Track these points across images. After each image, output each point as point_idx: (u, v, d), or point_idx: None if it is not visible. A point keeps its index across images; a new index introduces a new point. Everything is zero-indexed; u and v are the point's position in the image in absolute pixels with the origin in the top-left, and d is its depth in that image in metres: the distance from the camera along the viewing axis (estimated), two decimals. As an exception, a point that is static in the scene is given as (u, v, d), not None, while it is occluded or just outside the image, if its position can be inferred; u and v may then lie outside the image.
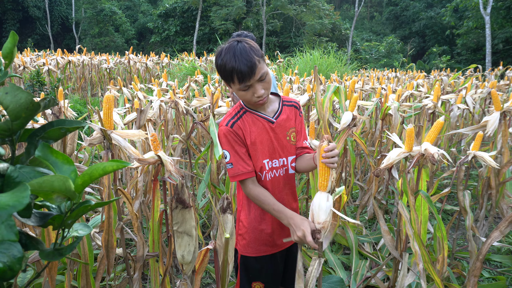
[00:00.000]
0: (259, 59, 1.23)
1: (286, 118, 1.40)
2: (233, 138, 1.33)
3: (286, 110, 1.41)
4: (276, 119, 1.37)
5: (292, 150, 1.42)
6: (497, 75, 8.94)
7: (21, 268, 0.52)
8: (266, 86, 1.27)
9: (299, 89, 4.90)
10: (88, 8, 27.63)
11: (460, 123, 4.61)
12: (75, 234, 0.72)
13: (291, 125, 1.41)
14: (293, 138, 1.41)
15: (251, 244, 1.45)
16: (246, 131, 1.34)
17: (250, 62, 1.19)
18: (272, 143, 1.37)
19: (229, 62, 1.20)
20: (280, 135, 1.38)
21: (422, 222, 1.87)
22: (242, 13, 24.07)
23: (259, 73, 1.22)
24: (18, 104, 0.57)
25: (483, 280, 2.46)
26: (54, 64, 8.51)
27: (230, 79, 1.24)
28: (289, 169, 1.43)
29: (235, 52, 1.20)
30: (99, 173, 0.62)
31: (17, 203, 0.46)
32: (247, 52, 1.20)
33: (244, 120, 1.35)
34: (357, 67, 12.83)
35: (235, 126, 1.33)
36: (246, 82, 1.21)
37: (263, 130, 1.35)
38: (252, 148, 1.35)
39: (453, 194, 3.93)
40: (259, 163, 1.36)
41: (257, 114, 1.37)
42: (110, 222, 1.59)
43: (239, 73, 1.19)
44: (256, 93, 1.25)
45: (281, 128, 1.38)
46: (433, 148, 1.61)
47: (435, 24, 28.15)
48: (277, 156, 1.38)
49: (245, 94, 1.26)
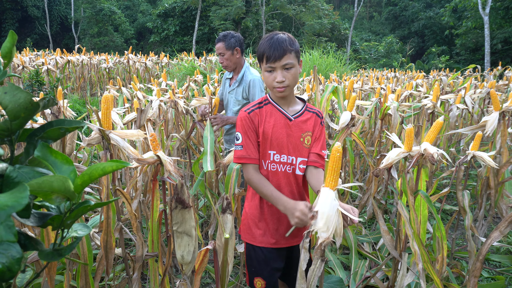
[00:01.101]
0: (292, 50, 1.33)
1: (304, 120, 1.45)
2: (247, 123, 1.41)
3: (307, 115, 1.47)
4: (295, 118, 1.43)
5: (304, 153, 1.45)
6: (496, 75, 8.96)
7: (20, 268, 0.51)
8: (288, 77, 1.34)
9: (299, 89, 4.90)
10: (87, 7, 27.58)
11: (459, 123, 4.61)
12: (74, 234, 0.72)
13: (308, 128, 1.45)
14: (307, 141, 1.44)
15: (251, 232, 1.49)
16: (262, 119, 1.42)
17: (280, 46, 1.31)
18: (284, 139, 1.41)
19: (265, 43, 1.35)
20: (294, 134, 1.42)
21: (421, 222, 1.87)
22: (242, 13, 24.06)
23: (286, 60, 1.32)
24: (17, 104, 0.57)
25: (482, 280, 2.46)
26: (53, 63, 8.49)
27: (261, 58, 1.36)
28: (297, 170, 1.45)
29: (274, 36, 1.35)
30: (99, 173, 0.62)
31: (16, 204, 0.46)
32: (283, 39, 1.33)
33: (264, 109, 1.44)
34: (356, 67, 12.83)
35: (252, 113, 1.42)
36: (271, 63, 1.32)
37: (278, 124, 1.41)
38: (262, 137, 1.42)
39: (452, 194, 3.93)
40: (265, 151, 1.43)
41: (278, 107, 1.44)
42: (109, 222, 1.59)
43: (268, 51, 1.32)
44: (276, 78, 1.33)
45: (297, 128, 1.43)
46: (432, 148, 1.61)
47: (434, 24, 28.17)
48: (285, 152, 1.42)
49: (268, 76, 1.36)
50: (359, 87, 5.03)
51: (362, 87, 5.10)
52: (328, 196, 1.06)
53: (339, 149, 1.07)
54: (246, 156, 1.41)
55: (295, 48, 1.35)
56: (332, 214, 1.03)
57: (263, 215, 1.48)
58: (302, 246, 1.12)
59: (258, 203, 1.49)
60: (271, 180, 1.43)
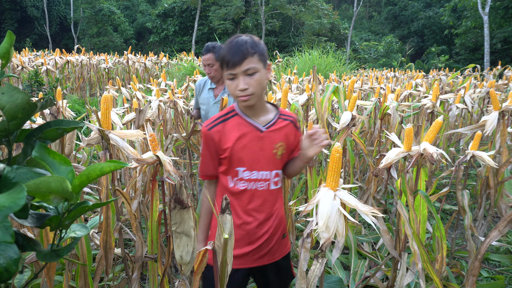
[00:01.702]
0: (254, 53, 1.20)
1: (278, 129, 1.32)
2: (207, 141, 1.31)
3: (281, 123, 1.34)
4: (267, 129, 1.30)
5: (277, 165, 1.34)
6: (495, 75, 8.96)
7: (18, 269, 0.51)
8: (252, 83, 1.20)
9: (298, 89, 4.90)
10: (86, 8, 27.57)
11: (458, 122, 4.61)
12: (73, 235, 0.72)
13: (281, 138, 1.32)
14: (279, 152, 1.32)
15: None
16: (225, 136, 1.29)
17: (240, 50, 1.18)
18: (256, 153, 1.29)
19: (226, 46, 1.22)
20: (267, 146, 1.30)
21: (421, 221, 1.87)
22: (241, 12, 24.06)
23: (247, 65, 1.18)
24: (15, 105, 0.56)
25: (481, 280, 2.47)
26: (53, 64, 8.49)
27: (221, 64, 1.23)
28: (271, 185, 1.34)
29: (235, 39, 1.23)
30: (97, 173, 0.62)
31: (13, 204, 0.45)
32: (243, 41, 1.20)
33: (229, 123, 1.30)
34: (356, 67, 12.83)
35: (212, 131, 1.29)
36: (231, 69, 1.19)
37: (248, 138, 1.28)
38: (230, 154, 1.28)
39: (452, 193, 3.93)
40: (231, 168, 1.31)
41: (246, 119, 1.30)
42: (109, 223, 1.58)
43: (227, 56, 1.19)
44: (238, 86, 1.20)
45: (270, 139, 1.30)
46: (431, 147, 1.61)
47: (434, 23, 28.18)
48: (257, 168, 1.30)
49: (230, 84, 1.23)
50: (359, 87, 5.03)
51: (361, 87, 5.10)
52: (328, 196, 1.05)
53: (338, 150, 1.07)
54: (204, 173, 1.35)
55: (258, 51, 1.21)
56: (332, 214, 1.03)
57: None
58: (302, 246, 1.12)
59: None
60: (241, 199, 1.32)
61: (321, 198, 1.06)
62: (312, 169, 2.33)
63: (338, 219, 1.04)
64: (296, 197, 2.65)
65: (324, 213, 1.02)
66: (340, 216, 1.04)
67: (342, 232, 1.04)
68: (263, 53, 1.24)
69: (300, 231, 2.98)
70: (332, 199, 1.04)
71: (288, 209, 2.44)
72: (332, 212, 1.03)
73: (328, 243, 1.03)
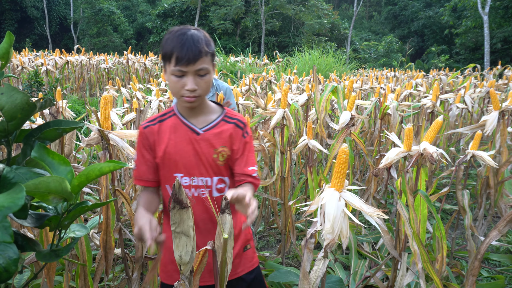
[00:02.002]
0: (208, 53, 1.11)
1: (218, 133, 1.20)
2: (142, 140, 1.21)
3: (224, 126, 1.22)
4: (204, 132, 1.19)
5: (220, 171, 1.22)
6: (495, 74, 8.96)
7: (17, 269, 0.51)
8: (202, 85, 1.12)
9: (298, 89, 4.90)
10: (86, 8, 27.58)
11: (459, 122, 4.61)
12: (72, 235, 0.72)
13: (223, 143, 1.20)
14: (221, 157, 1.20)
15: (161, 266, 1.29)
16: (160, 138, 1.19)
17: (196, 47, 1.07)
18: (191, 157, 1.18)
19: (175, 38, 1.08)
20: (204, 150, 1.18)
21: (421, 221, 1.87)
22: (241, 12, 24.07)
23: (201, 65, 1.09)
24: (14, 105, 0.56)
25: (482, 279, 2.46)
26: (53, 64, 8.49)
27: (168, 57, 1.09)
28: (214, 192, 1.22)
29: (187, 32, 1.09)
30: (96, 174, 0.62)
31: (12, 204, 0.45)
32: (199, 37, 1.09)
33: (165, 124, 1.20)
34: (356, 67, 12.84)
35: (148, 129, 1.20)
36: (182, 66, 1.07)
37: (183, 140, 1.18)
38: (164, 158, 1.18)
39: (452, 193, 3.93)
40: (169, 174, 1.20)
41: (182, 120, 1.20)
42: (108, 223, 1.59)
43: (180, 51, 1.06)
44: (187, 85, 1.09)
45: (207, 143, 1.19)
46: (431, 147, 1.61)
47: (434, 23, 28.18)
48: (196, 173, 1.19)
49: (176, 82, 1.10)
50: (359, 87, 5.03)
51: (361, 86, 5.10)
52: (333, 197, 1.05)
53: (345, 151, 1.06)
54: (137, 177, 1.21)
55: (212, 51, 1.13)
56: (337, 215, 1.03)
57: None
58: (305, 247, 1.12)
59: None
60: None
61: (326, 199, 1.05)
62: (312, 169, 2.33)
63: (343, 220, 1.04)
64: (296, 197, 2.65)
65: (330, 214, 1.02)
66: (344, 218, 1.04)
67: (346, 233, 1.03)
68: (214, 53, 1.16)
69: (300, 231, 2.98)
70: (338, 201, 1.04)
71: (288, 208, 2.44)
72: (338, 214, 1.03)
73: (332, 244, 1.03)
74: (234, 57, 10.98)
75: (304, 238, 1.13)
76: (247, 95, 4.18)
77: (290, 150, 2.67)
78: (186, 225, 0.79)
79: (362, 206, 1.04)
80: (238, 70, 8.10)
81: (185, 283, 0.82)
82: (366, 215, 1.05)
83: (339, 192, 1.06)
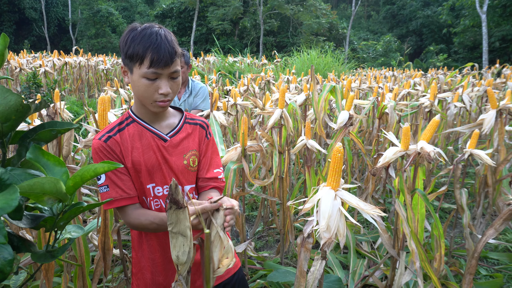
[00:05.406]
0: (179, 54, 1.07)
1: (184, 137, 1.15)
2: (107, 155, 1.07)
3: (188, 128, 1.17)
4: (171, 137, 1.13)
5: (191, 178, 1.17)
6: (493, 73, 8.98)
7: (12, 270, 0.51)
8: (174, 88, 1.07)
9: (296, 89, 4.90)
10: (84, 9, 27.58)
11: (457, 121, 4.62)
12: (68, 236, 0.72)
13: (191, 147, 1.16)
14: (192, 162, 1.15)
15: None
16: (125, 147, 1.09)
17: (172, 48, 1.02)
18: (161, 166, 1.11)
19: (146, 38, 1.00)
20: (174, 157, 1.12)
21: (419, 220, 1.87)
22: (239, 13, 24.08)
23: (175, 67, 1.04)
24: (8, 106, 0.57)
25: (480, 278, 2.47)
26: (51, 65, 8.48)
27: (140, 59, 1.00)
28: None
29: (159, 32, 1.02)
30: (91, 174, 0.62)
31: (6, 206, 0.46)
32: (171, 38, 1.05)
33: (126, 133, 1.10)
34: (355, 66, 12.85)
35: (110, 141, 1.08)
36: (157, 69, 1.00)
37: (150, 148, 1.10)
38: (133, 170, 1.09)
39: (450, 192, 3.94)
40: (142, 187, 1.12)
41: (146, 127, 1.11)
42: (107, 224, 1.59)
43: (155, 52, 0.99)
44: (161, 89, 1.02)
45: (176, 149, 1.13)
46: (429, 146, 1.61)
47: (432, 22, 28.22)
48: (168, 182, 1.12)
49: (148, 85, 1.02)
50: (357, 86, 5.03)
51: (360, 86, 5.11)
52: (328, 196, 1.05)
53: (340, 150, 1.06)
54: (117, 197, 1.06)
55: (180, 53, 1.08)
56: (333, 214, 1.03)
57: (156, 266, 1.16)
58: (302, 246, 1.12)
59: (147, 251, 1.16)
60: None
61: (322, 197, 1.05)
62: (310, 169, 2.33)
63: (339, 219, 1.04)
64: (294, 196, 2.65)
65: (325, 212, 1.02)
66: (341, 216, 1.04)
67: (343, 232, 1.03)
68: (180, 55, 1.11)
69: (299, 231, 2.98)
70: (333, 199, 1.04)
71: (287, 208, 2.44)
72: (333, 212, 1.03)
73: (329, 243, 1.03)
74: (232, 57, 10.99)
75: (300, 236, 1.12)
76: (246, 95, 4.18)
77: (288, 150, 2.67)
78: (183, 225, 0.79)
79: (359, 203, 1.04)
80: (237, 71, 8.10)
81: (182, 283, 0.82)
82: (364, 212, 1.05)
83: (335, 190, 1.06)
